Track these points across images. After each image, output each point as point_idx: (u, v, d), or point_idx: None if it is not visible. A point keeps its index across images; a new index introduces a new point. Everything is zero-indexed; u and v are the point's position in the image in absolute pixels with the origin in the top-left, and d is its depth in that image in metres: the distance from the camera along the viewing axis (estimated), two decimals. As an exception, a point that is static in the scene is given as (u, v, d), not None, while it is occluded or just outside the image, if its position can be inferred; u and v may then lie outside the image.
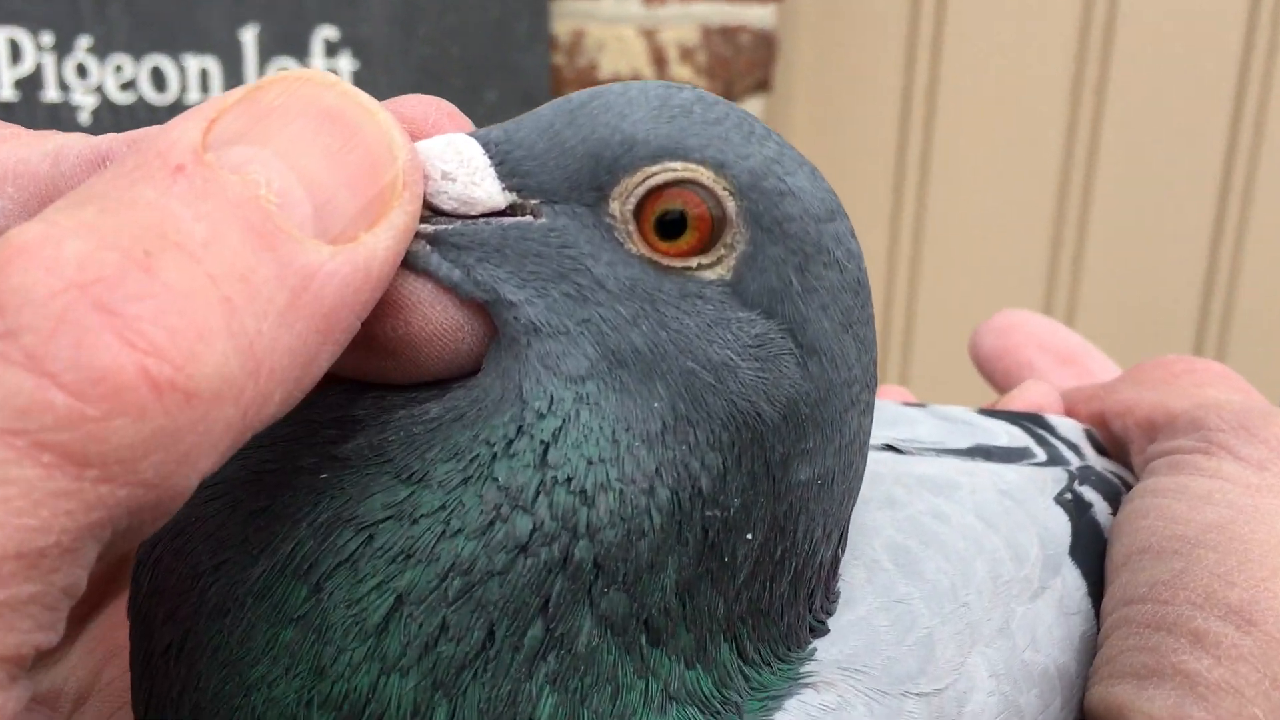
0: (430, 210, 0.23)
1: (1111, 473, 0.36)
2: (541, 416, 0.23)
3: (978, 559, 0.29)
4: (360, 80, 1.21)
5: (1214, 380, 0.35)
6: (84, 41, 1.19)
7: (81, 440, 0.17)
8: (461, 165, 0.23)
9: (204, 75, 1.20)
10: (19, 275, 0.17)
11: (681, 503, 0.23)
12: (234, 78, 1.20)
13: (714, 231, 0.23)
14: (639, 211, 0.23)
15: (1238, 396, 0.34)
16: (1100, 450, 0.38)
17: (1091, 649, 0.30)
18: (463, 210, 0.23)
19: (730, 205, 0.23)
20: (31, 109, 1.20)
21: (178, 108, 1.20)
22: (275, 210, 0.20)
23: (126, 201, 0.19)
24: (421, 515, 0.22)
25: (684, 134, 0.23)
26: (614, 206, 0.23)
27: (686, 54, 1.26)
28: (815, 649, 0.25)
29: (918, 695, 0.25)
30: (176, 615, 0.23)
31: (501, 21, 1.22)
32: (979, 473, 0.32)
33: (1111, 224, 1.47)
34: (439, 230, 0.23)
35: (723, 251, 0.23)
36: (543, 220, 0.23)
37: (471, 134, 0.24)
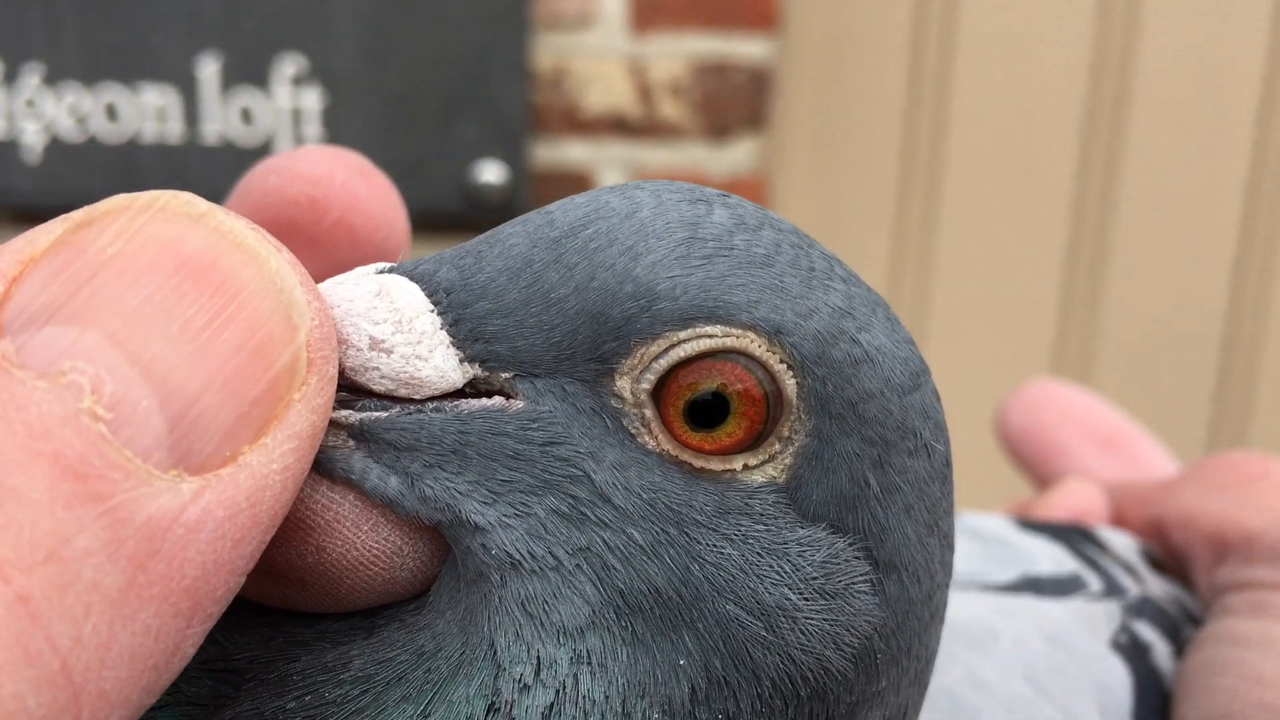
0: (353, 392, 0.17)
1: (1176, 600, 0.30)
2: (526, 689, 0.16)
3: None
4: (329, 115, 1.16)
5: None
6: (34, 71, 1.15)
7: None
8: (399, 328, 0.17)
9: (161, 109, 1.15)
10: None
11: None
12: (192, 111, 1.15)
13: (767, 420, 0.17)
14: (661, 392, 0.17)
15: None
16: (1157, 566, 0.32)
17: None
18: (403, 392, 0.17)
19: (789, 384, 0.17)
20: None
21: (133, 145, 1.15)
22: (105, 434, 0.14)
23: None
24: None
25: (725, 284, 0.17)
26: (623, 385, 0.17)
27: (675, 90, 1.21)
28: None
29: None
30: None
31: (478, 52, 1.17)
32: (1020, 613, 0.26)
33: (1124, 287, 1.43)
34: (367, 421, 0.17)
35: (777, 447, 0.17)
36: (520, 404, 0.17)
37: (410, 271, 0.17)
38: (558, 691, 0.16)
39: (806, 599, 0.17)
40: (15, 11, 1.12)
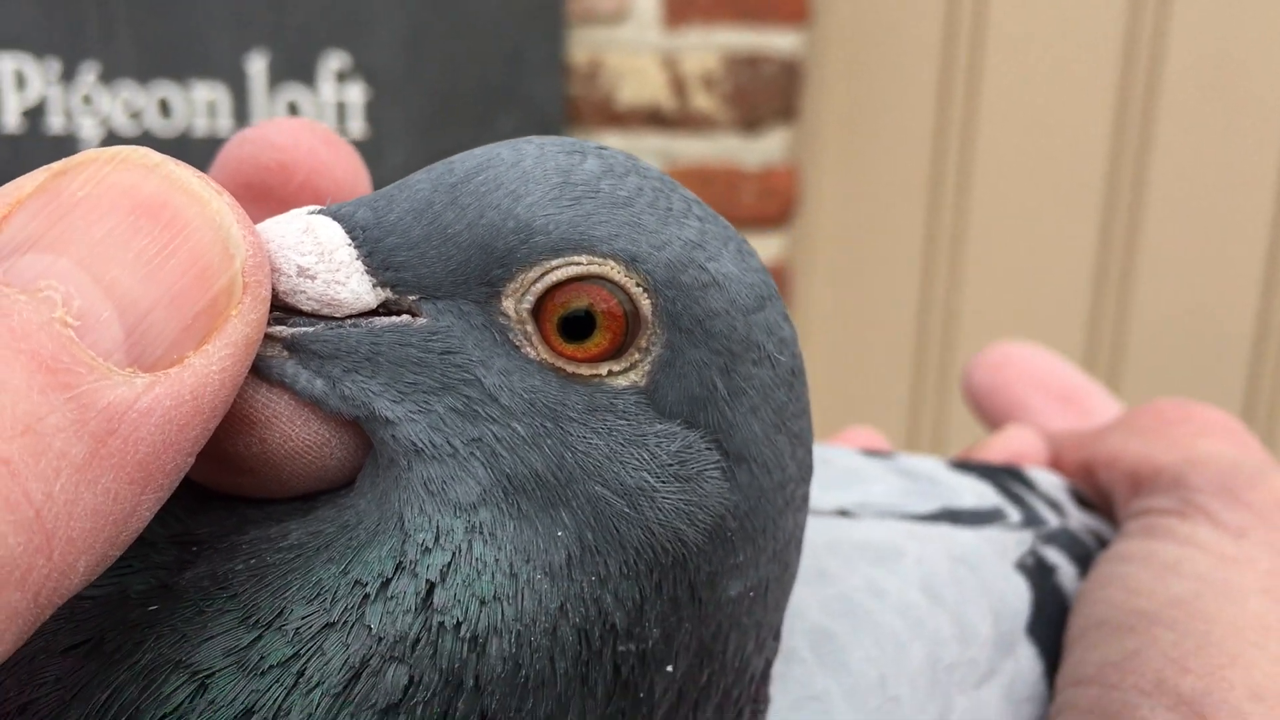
0: (285, 311, 0.20)
1: (1092, 531, 0.33)
2: (426, 551, 0.20)
3: (915, 642, 0.25)
4: (372, 109, 1.19)
5: (1210, 431, 0.32)
6: (91, 69, 1.19)
7: None
8: (322, 258, 0.20)
9: (211, 104, 1.19)
10: None
11: (590, 642, 0.20)
12: (242, 106, 1.18)
13: (627, 332, 0.20)
14: (539, 310, 0.20)
15: (1233, 450, 0.31)
16: (1087, 505, 0.35)
17: None
18: (326, 311, 0.20)
19: (645, 304, 0.20)
20: (37, 140, 1.19)
21: (185, 139, 1.19)
22: (73, 338, 0.17)
23: None
24: (270, 665, 0.19)
25: (590, 220, 0.20)
26: (508, 305, 0.20)
27: (708, 82, 1.24)
28: None
29: None
30: None
31: (515, 47, 1.20)
32: (930, 537, 0.29)
33: (1155, 279, 1.43)
34: (297, 335, 0.20)
35: (636, 356, 0.20)
36: (423, 321, 0.20)
37: (334, 212, 0.20)
38: (454, 554, 0.19)
39: (663, 481, 0.20)
40: (72, 12, 1.16)
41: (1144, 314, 1.45)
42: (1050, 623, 0.29)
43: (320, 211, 0.21)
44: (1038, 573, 0.30)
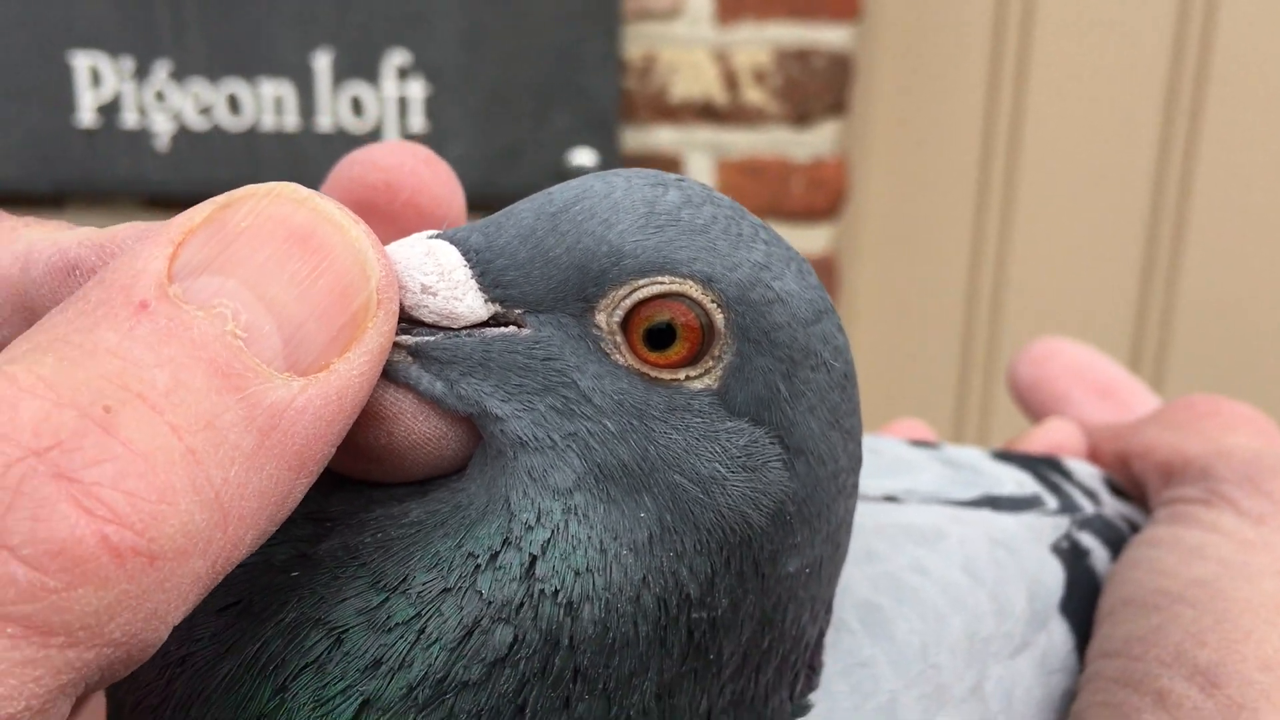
0: (410, 323, 0.23)
1: (1125, 518, 0.35)
2: (529, 529, 0.22)
3: (955, 616, 0.28)
4: (432, 105, 1.23)
5: (1238, 425, 0.34)
6: (163, 67, 1.23)
7: (44, 611, 0.17)
8: (442, 278, 0.23)
9: (278, 100, 1.22)
10: None
11: (668, 609, 0.22)
12: (308, 103, 1.23)
13: (703, 343, 0.23)
14: (627, 323, 0.23)
15: (1258, 443, 0.33)
16: (1121, 494, 0.37)
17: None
18: (445, 323, 0.23)
19: (718, 318, 0.23)
20: (111, 134, 1.24)
21: (253, 134, 1.23)
22: (242, 347, 0.19)
23: (87, 348, 0.18)
24: (396, 624, 0.22)
25: (672, 245, 0.23)
26: (600, 318, 0.23)
27: (759, 77, 1.26)
28: None
29: None
30: (143, 705, 0.22)
31: (571, 44, 1.23)
32: (971, 521, 0.31)
33: (1204, 266, 1.44)
34: (420, 343, 0.23)
35: (710, 363, 0.23)
36: (527, 331, 0.23)
37: (451, 237, 0.23)
38: (553, 532, 0.22)
39: (733, 471, 0.23)
40: (145, 12, 1.20)
41: (1190, 307, 1.45)
42: (1082, 601, 0.31)
43: (439, 236, 0.23)
44: (1072, 555, 0.32)
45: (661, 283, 0.22)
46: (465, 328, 0.23)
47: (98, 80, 1.23)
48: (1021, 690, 0.28)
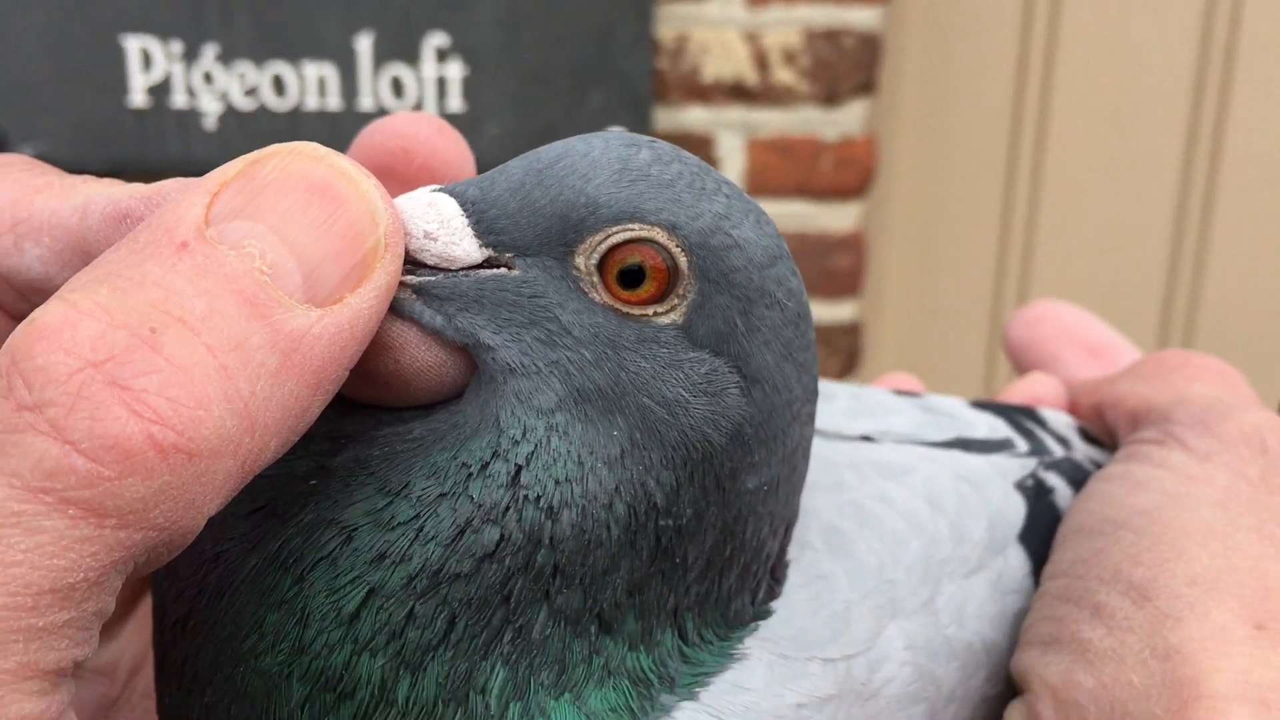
0: (414, 265, 0.26)
1: (1094, 461, 0.37)
2: (516, 443, 0.25)
3: (914, 540, 0.30)
4: (470, 85, 1.26)
5: (1204, 375, 0.36)
6: (210, 49, 1.26)
7: (100, 496, 0.20)
8: (442, 225, 0.25)
9: (321, 82, 1.26)
10: (42, 356, 0.20)
11: (638, 515, 0.25)
12: (350, 84, 1.26)
13: (669, 283, 0.25)
14: (602, 265, 0.25)
15: (1220, 392, 0.35)
16: (1094, 442, 0.39)
17: None
18: (444, 265, 0.26)
19: (682, 260, 0.25)
20: (161, 115, 1.28)
21: (297, 114, 1.26)
22: (268, 282, 0.22)
23: (136, 280, 0.21)
24: (398, 523, 0.25)
25: (641, 197, 0.25)
26: (579, 261, 0.25)
27: (789, 57, 1.28)
28: (756, 627, 0.27)
29: (824, 660, 0.27)
30: (184, 595, 0.26)
31: (606, 26, 1.26)
32: (940, 460, 0.34)
33: (1233, 242, 1.45)
34: (423, 282, 0.26)
35: (676, 300, 0.26)
36: (516, 273, 0.26)
37: (450, 190, 0.26)
38: (536, 445, 0.25)
39: (695, 396, 0.25)
40: None
41: (1218, 284, 1.46)
42: (1041, 533, 0.34)
43: (440, 189, 0.26)
44: (1035, 492, 0.34)
45: (632, 229, 0.25)
46: (462, 269, 0.26)
47: (148, 63, 1.26)
48: (974, 606, 0.31)
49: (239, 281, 0.22)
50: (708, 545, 0.26)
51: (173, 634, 0.25)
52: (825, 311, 1.38)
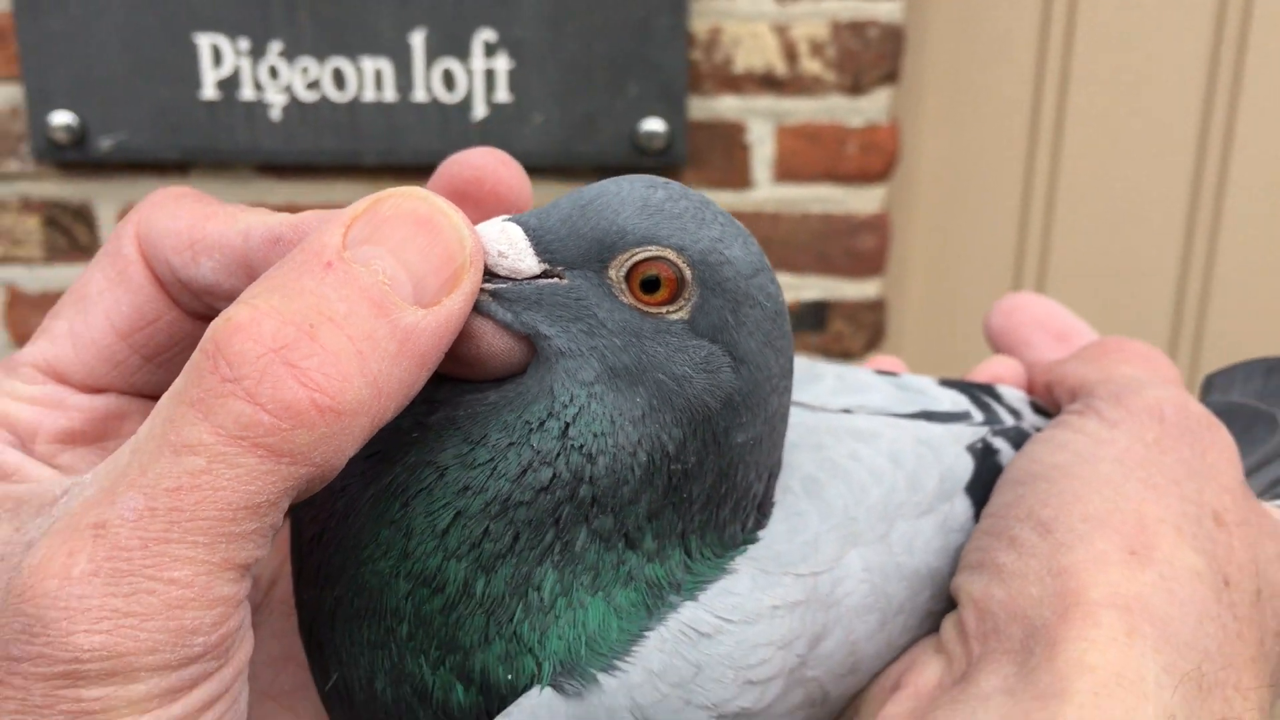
0: (491, 275, 0.33)
1: (1039, 430, 0.43)
2: (565, 406, 0.32)
3: (876, 488, 0.37)
4: (515, 78, 1.33)
5: (1132, 359, 0.42)
6: (275, 46, 1.34)
7: (279, 442, 0.26)
8: (510, 246, 0.33)
9: (378, 75, 1.33)
10: (238, 344, 0.26)
11: (654, 461, 0.32)
12: (404, 78, 1.33)
13: (678, 289, 0.32)
14: (629, 276, 0.32)
15: (1140, 372, 0.41)
16: (1044, 413, 0.45)
17: None
18: (512, 276, 0.33)
19: (688, 273, 0.32)
20: (230, 106, 1.35)
21: (355, 105, 1.34)
22: (389, 290, 0.28)
23: (297, 290, 0.28)
24: (478, 464, 0.32)
25: (658, 226, 0.32)
26: (612, 273, 0.33)
27: (817, 48, 1.34)
28: (745, 549, 0.35)
29: (795, 575, 0.34)
30: (318, 517, 0.33)
31: (643, 20, 1.31)
32: (905, 427, 0.40)
33: (1244, 230, 1.48)
34: (497, 288, 0.33)
35: (683, 302, 0.33)
36: (565, 282, 0.33)
37: (517, 220, 0.33)
38: (580, 408, 0.31)
39: (697, 373, 0.32)
40: None
41: (1230, 271, 1.49)
42: (985, 486, 0.40)
43: (509, 219, 0.33)
44: (983, 454, 0.41)
45: (651, 250, 0.32)
46: (525, 279, 0.33)
47: (219, 58, 1.34)
48: (922, 540, 0.37)
49: (369, 290, 0.28)
50: (708, 485, 0.33)
51: (309, 547, 0.34)
52: (851, 289, 1.43)
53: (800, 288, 1.43)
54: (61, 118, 1.36)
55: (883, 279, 1.44)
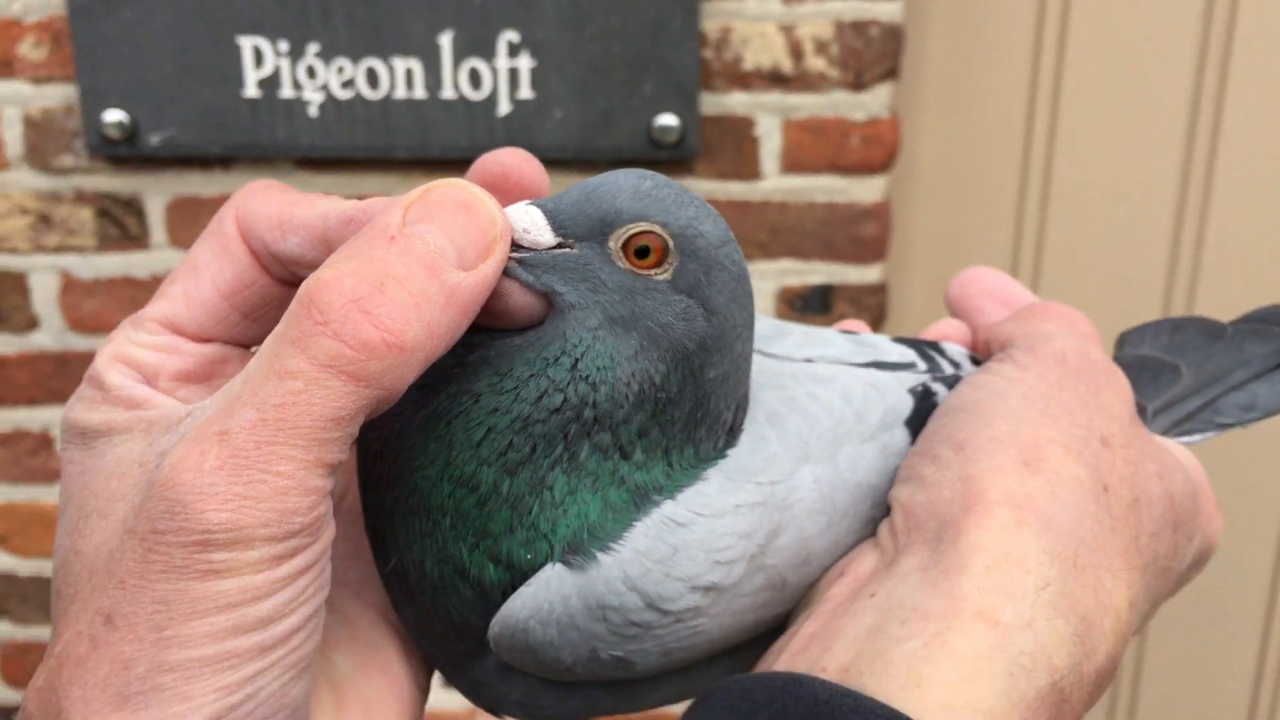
0: (517, 246, 0.39)
1: None
2: (575, 346, 0.39)
3: (827, 420, 0.44)
4: (537, 76, 1.39)
5: (1053, 317, 0.48)
6: (313, 47, 1.39)
7: (358, 370, 0.32)
8: (532, 224, 0.39)
9: (409, 74, 1.40)
10: (327, 297, 0.32)
11: (644, 390, 0.39)
12: (434, 76, 1.39)
13: (663, 256, 0.39)
14: (624, 246, 0.39)
15: (1056, 329, 0.47)
16: (979, 364, 0.51)
17: None
18: (534, 247, 0.39)
19: (670, 244, 0.39)
20: (271, 104, 1.41)
21: (388, 102, 1.40)
22: (438, 257, 0.34)
23: (368, 258, 0.33)
24: (504, 391, 0.39)
25: (647, 208, 0.39)
26: (611, 243, 0.39)
27: (821, 47, 1.39)
28: (716, 462, 0.42)
29: (756, 483, 0.41)
30: (380, 435, 0.40)
31: (657, 21, 1.36)
32: (858, 374, 0.46)
33: (1231, 217, 1.51)
34: (522, 257, 0.39)
35: (666, 266, 0.39)
36: (575, 251, 0.39)
37: (537, 204, 0.40)
38: (587, 348, 0.37)
39: (677, 320, 0.37)
40: (298, 2, 1.37)
41: (1217, 251, 1.53)
42: (921, 421, 0.45)
43: (532, 203, 0.40)
44: (923, 395, 0.46)
45: (642, 226, 0.39)
46: (544, 249, 0.39)
47: (260, 59, 1.39)
48: (864, 462, 0.43)
49: (423, 258, 0.34)
50: (686, 410, 0.40)
51: (373, 460, 0.41)
52: (854, 274, 1.48)
53: (807, 273, 1.49)
54: (113, 115, 1.42)
55: (884, 264, 1.48)
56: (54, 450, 1.60)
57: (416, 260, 0.34)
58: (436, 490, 0.39)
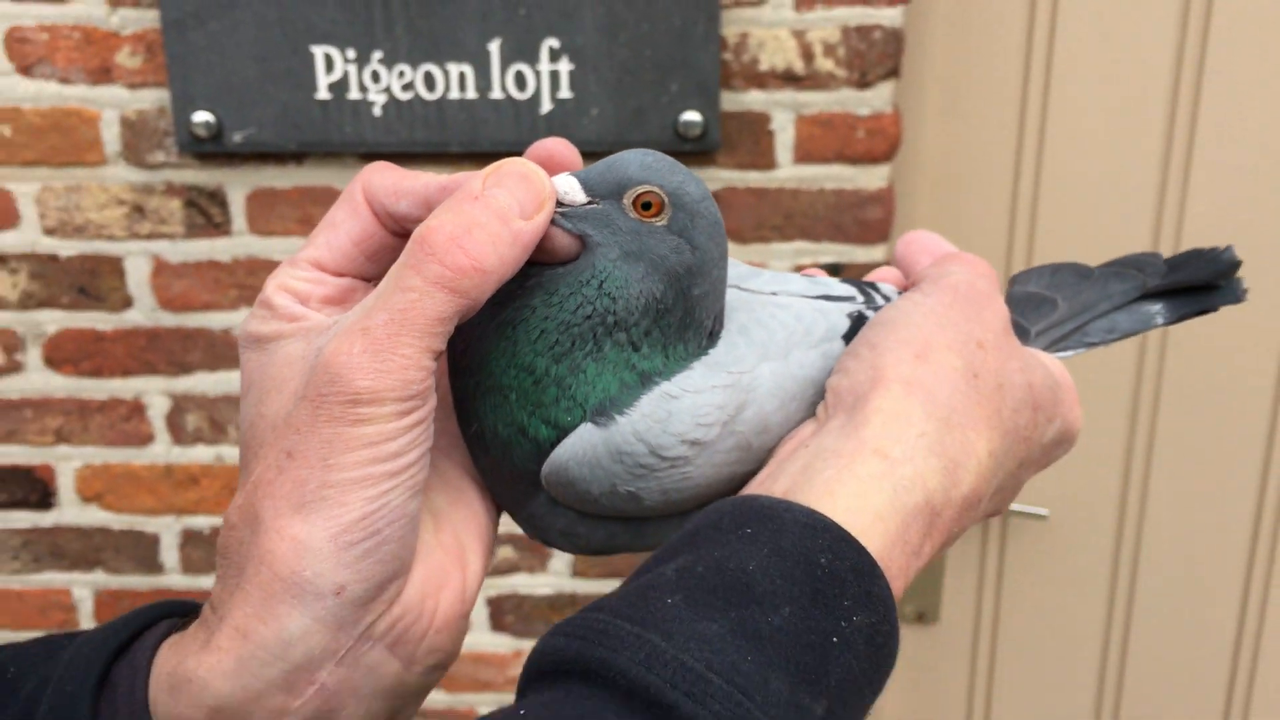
0: (560, 204, 0.51)
1: None
2: (601, 272, 0.52)
3: (781, 332, 0.56)
4: (575, 78, 1.50)
5: (958, 261, 0.60)
6: (377, 55, 1.51)
7: (455, 285, 0.40)
8: (571, 189, 0.51)
9: (462, 77, 1.51)
10: (433, 237, 0.40)
11: (649, 303, 0.52)
12: (484, 79, 1.51)
13: (662, 208, 0.52)
14: (634, 201, 0.46)
15: (958, 267, 0.59)
16: None
17: None
18: (572, 204, 0.51)
19: (666, 199, 0.52)
20: (340, 105, 1.53)
21: (443, 102, 1.52)
22: (507, 210, 0.42)
23: (460, 211, 0.41)
24: (553, 304, 0.52)
25: (649, 174, 0.51)
26: (625, 200, 0.46)
27: (829, 49, 1.50)
28: (699, 357, 0.57)
29: (728, 372, 0.54)
30: (465, 337, 0.50)
31: (683, 28, 1.47)
32: (810, 302, 0.59)
33: (1209, 205, 1.57)
34: (564, 210, 0.45)
35: (664, 215, 0.51)
36: (600, 206, 0.46)
37: (574, 175, 0.52)
38: (609, 273, 0.45)
39: (671, 253, 0.46)
40: (364, 15, 1.48)
41: (1194, 235, 1.60)
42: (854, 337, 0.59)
43: (571, 175, 0.52)
44: (858, 318, 0.57)
45: (646, 187, 0.51)
46: (579, 205, 0.46)
47: (330, 66, 1.49)
48: (809, 362, 0.55)
49: (497, 211, 0.42)
50: (678, 318, 0.53)
51: (459, 355, 0.54)
52: (861, 253, 1.57)
53: (818, 252, 1.59)
54: (201, 116, 1.52)
55: (888, 245, 1.55)
56: (145, 416, 1.75)
57: (493, 213, 0.43)
58: (505, 374, 0.49)
